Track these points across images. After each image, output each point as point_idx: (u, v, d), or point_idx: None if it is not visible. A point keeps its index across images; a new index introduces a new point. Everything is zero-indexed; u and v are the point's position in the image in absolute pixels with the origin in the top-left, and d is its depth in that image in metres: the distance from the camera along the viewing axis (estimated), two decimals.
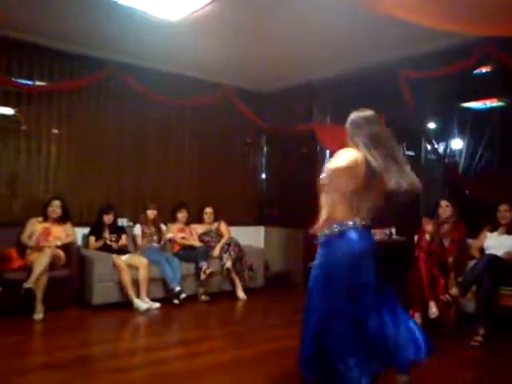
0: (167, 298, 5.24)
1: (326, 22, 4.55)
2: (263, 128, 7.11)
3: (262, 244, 7.01)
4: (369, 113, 2.61)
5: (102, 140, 5.91)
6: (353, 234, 2.50)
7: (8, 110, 5.39)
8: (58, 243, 4.90)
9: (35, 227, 4.98)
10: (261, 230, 7.19)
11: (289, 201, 6.85)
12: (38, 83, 5.50)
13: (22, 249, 4.88)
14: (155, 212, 5.76)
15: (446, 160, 5.78)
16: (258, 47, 5.42)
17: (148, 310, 4.97)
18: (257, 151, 7.43)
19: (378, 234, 5.37)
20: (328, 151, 6.57)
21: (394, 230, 5.39)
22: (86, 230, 5.49)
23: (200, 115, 6.59)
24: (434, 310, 4.29)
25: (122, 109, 6.02)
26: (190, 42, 5.22)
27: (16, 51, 5.32)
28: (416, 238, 4.96)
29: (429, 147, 5.85)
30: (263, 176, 7.44)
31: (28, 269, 4.59)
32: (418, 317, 4.47)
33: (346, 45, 5.18)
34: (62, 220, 5.11)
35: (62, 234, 5.05)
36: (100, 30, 5.04)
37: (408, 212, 5.77)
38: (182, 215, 6.02)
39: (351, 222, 2.51)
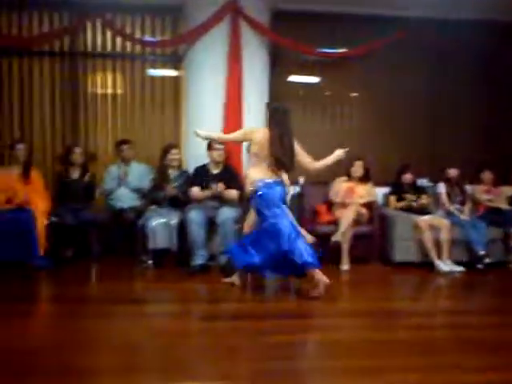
0: (470, 262, 5.00)
1: None
2: None
3: None
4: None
5: (397, 101, 5.95)
6: None
7: (313, 79, 5.94)
8: (361, 201, 5.22)
9: (341, 185, 5.41)
10: None
11: None
12: (339, 50, 5.85)
13: (331, 205, 5.39)
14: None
15: None
16: None
17: (450, 272, 4.85)
18: None
19: None
20: None
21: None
22: (385, 190, 5.65)
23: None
24: None
25: (417, 68, 5.94)
26: None
27: (318, 22, 5.76)
28: None
29: None
30: None
31: (335, 223, 5.07)
32: None
33: None
34: (364, 179, 5.40)
35: (364, 192, 5.34)
36: None
37: None
38: (487, 176, 5.54)
39: None
